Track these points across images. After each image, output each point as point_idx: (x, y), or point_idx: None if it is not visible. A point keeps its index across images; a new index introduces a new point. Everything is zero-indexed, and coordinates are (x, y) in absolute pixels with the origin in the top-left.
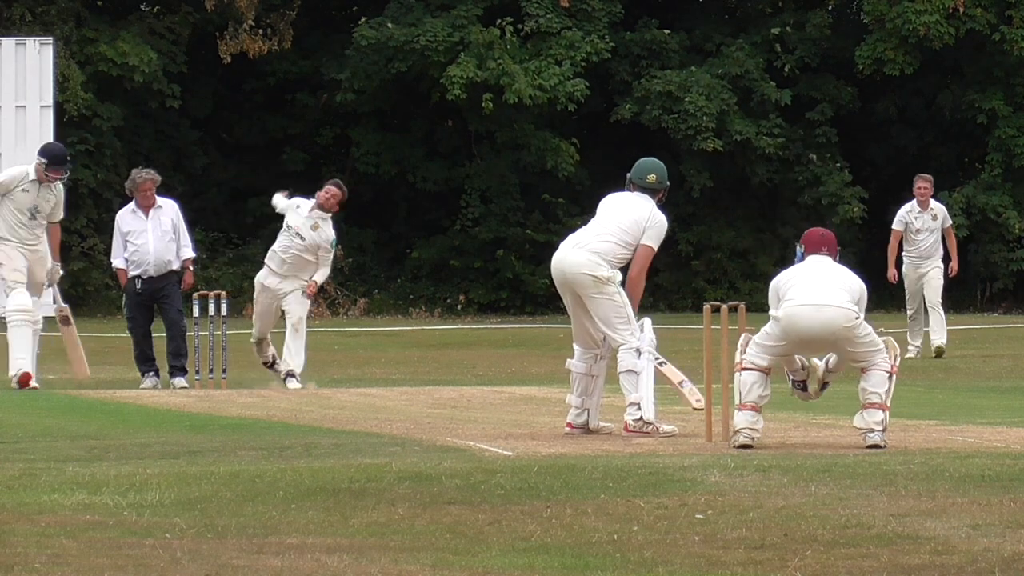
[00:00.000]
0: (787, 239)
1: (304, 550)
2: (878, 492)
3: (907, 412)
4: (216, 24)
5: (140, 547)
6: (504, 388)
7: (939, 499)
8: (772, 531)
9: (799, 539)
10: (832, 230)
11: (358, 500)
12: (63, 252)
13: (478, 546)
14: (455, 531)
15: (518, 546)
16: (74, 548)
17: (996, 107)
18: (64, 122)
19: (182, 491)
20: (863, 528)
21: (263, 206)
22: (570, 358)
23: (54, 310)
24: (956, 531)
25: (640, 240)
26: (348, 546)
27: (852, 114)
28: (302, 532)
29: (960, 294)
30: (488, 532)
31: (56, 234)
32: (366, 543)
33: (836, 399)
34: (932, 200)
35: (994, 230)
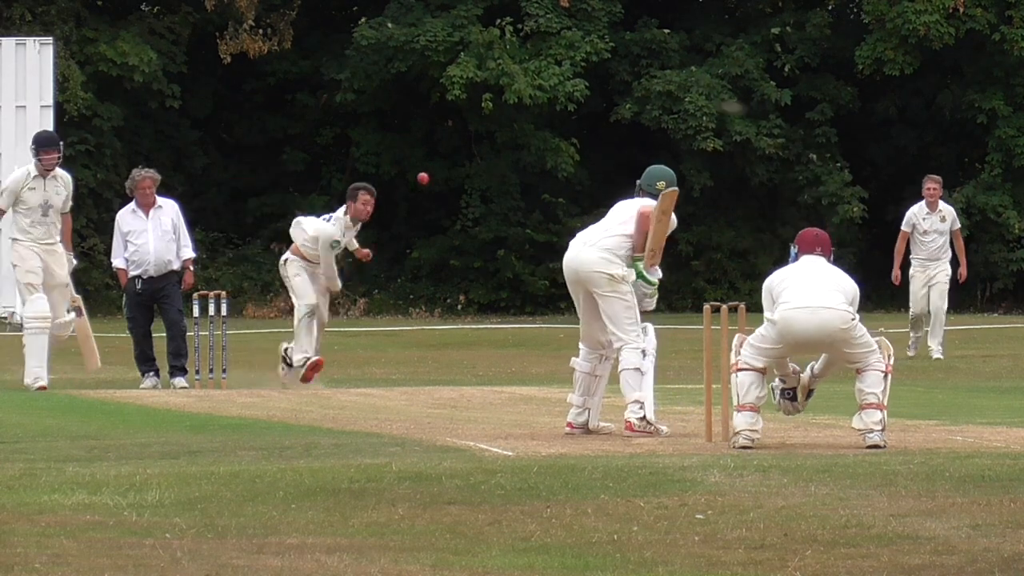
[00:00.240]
0: (787, 239)
1: (304, 550)
2: (878, 492)
3: (907, 412)
4: (216, 24)
5: (140, 547)
6: (504, 388)
7: (939, 499)
8: (772, 531)
9: (799, 539)
10: (832, 230)
11: (358, 500)
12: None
13: (478, 546)
14: (455, 531)
15: (518, 546)
16: (74, 548)
17: (996, 107)
18: (64, 122)
19: (182, 491)
20: (863, 528)
21: (263, 206)
22: (575, 356)
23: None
24: (956, 531)
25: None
26: (348, 546)
27: (852, 114)
28: (302, 532)
29: (960, 294)
30: (488, 532)
31: (68, 224)
32: (366, 543)
33: (836, 399)
34: (941, 202)
35: (994, 230)
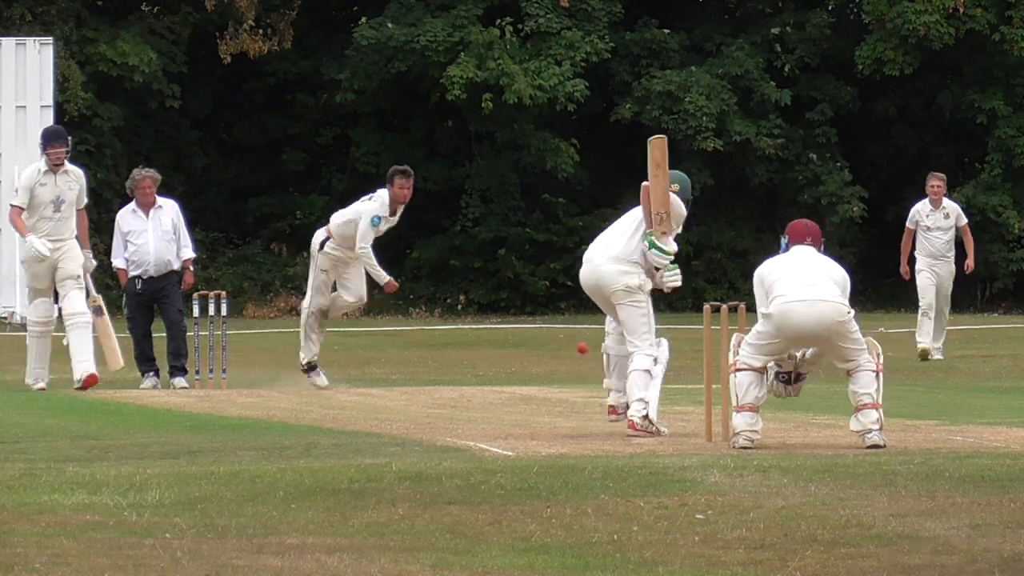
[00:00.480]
0: None
1: (304, 550)
2: (878, 492)
3: (907, 412)
4: (216, 24)
5: (140, 547)
6: (504, 388)
7: (939, 499)
8: (772, 531)
9: (799, 539)
10: (832, 229)
11: (358, 500)
12: None
13: (478, 546)
14: (455, 531)
15: (518, 546)
16: (74, 548)
17: (996, 107)
18: (64, 122)
19: (182, 491)
20: (863, 528)
21: (263, 206)
22: (605, 341)
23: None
24: (956, 531)
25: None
26: (348, 546)
27: (852, 114)
28: (302, 532)
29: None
30: (488, 532)
31: (84, 221)
32: (366, 543)
33: (835, 399)
34: (945, 199)
35: (994, 230)
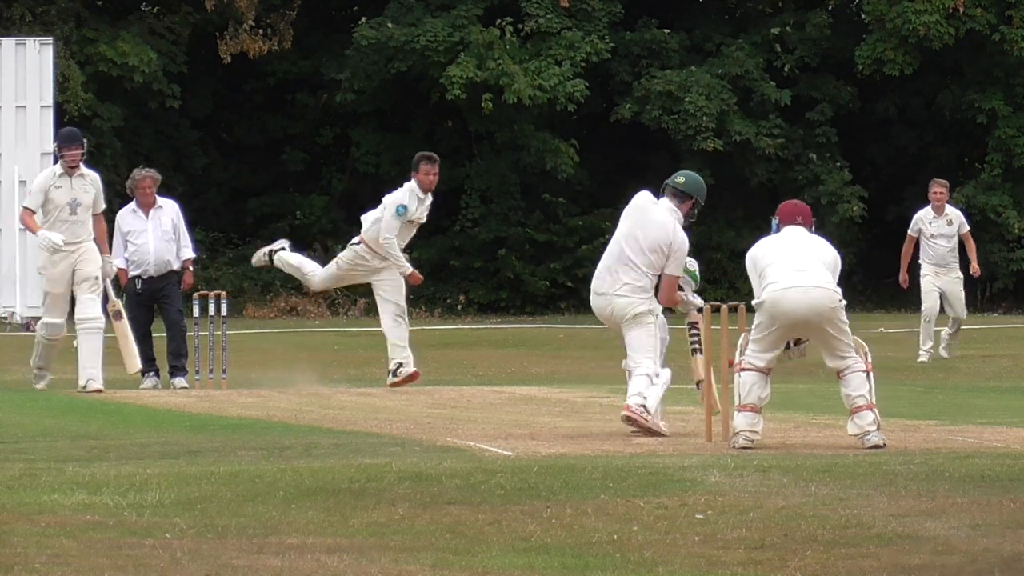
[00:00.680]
0: None
1: (304, 550)
2: (878, 492)
3: (907, 412)
4: (216, 24)
5: (140, 547)
6: (504, 388)
7: (939, 499)
8: (772, 531)
9: (799, 539)
10: (832, 229)
11: (358, 500)
12: None
13: (478, 546)
14: (455, 531)
15: (518, 546)
16: (74, 548)
17: (996, 107)
18: (64, 122)
19: (182, 491)
20: (863, 528)
21: (263, 206)
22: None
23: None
24: (956, 531)
25: (665, 269)
26: (348, 546)
27: (852, 114)
28: (302, 532)
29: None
30: (488, 532)
31: (101, 225)
32: (366, 543)
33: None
34: (948, 206)
35: (994, 230)
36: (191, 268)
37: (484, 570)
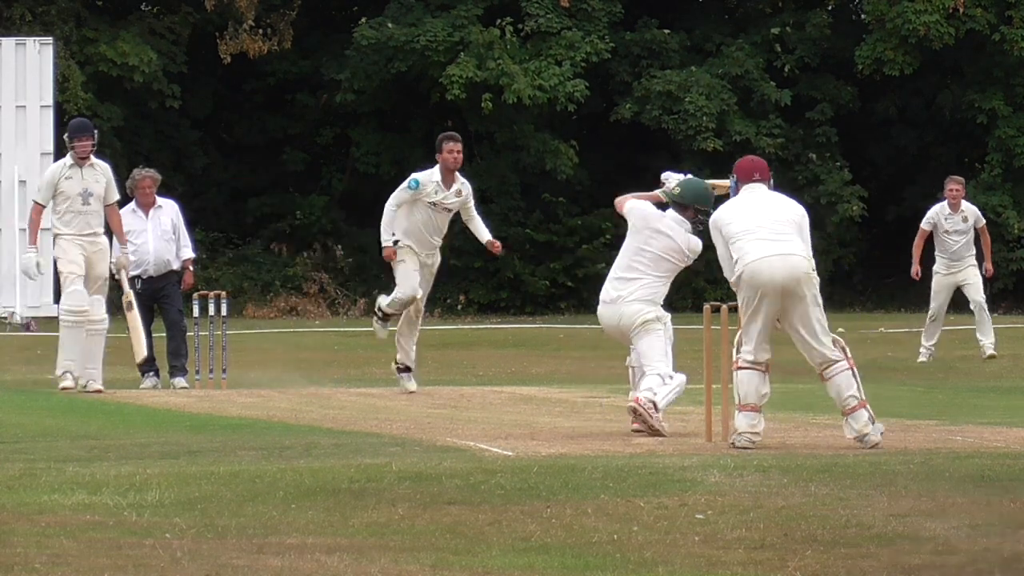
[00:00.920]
0: None
1: (304, 550)
2: (878, 492)
3: (907, 412)
4: (216, 24)
5: (140, 547)
6: (504, 388)
7: (939, 499)
8: (772, 531)
9: (799, 539)
10: (832, 229)
11: (358, 500)
12: None
13: (478, 546)
14: (455, 531)
15: (518, 546)
16: (74, 548)
17: (996, 107)
18: (64, 122)
19: (182, 491)
20: (863, 528)
21: (263, 206)
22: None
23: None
24: (956, 531)
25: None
26: (348, 546)
27: (852, 114)
28: (302, 532)
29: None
30: (488, 532)
31: (115, 216)
32: (366, 543)
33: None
34: (964, 202)
35: (994, 230)
36: (191, 268)
37: (484, 570)
